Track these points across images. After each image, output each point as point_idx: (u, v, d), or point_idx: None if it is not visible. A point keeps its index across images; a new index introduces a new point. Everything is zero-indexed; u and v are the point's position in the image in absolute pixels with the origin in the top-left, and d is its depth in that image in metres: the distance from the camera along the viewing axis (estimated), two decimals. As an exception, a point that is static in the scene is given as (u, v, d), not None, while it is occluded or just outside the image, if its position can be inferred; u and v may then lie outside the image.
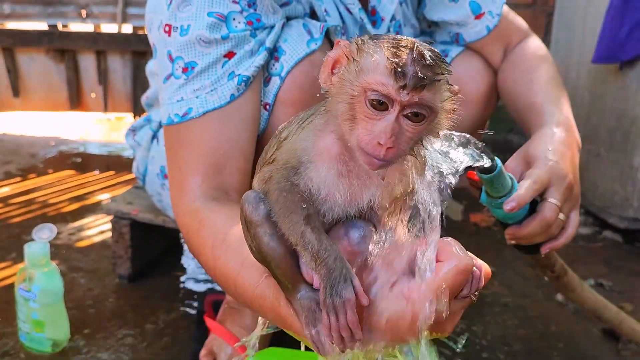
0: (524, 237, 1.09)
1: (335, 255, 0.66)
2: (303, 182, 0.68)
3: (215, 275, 0.92)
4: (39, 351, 1.36)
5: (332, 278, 0.64)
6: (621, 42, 2.03)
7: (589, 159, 2.37)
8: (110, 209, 1.65)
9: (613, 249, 2.11)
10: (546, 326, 1.58)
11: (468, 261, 0.63)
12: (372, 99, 0.61)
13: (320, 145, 0.68)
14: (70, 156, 2.85)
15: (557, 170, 1.07)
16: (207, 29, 1.01)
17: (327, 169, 0.67)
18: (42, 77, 3.12)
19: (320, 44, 1.07)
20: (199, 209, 0.98)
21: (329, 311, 0.64)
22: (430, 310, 0.62)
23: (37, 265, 1.32)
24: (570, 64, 2.56)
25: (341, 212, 0.69)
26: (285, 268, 0.72)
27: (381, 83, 0.60)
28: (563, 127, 1.16)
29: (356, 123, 0.63)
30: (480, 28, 1.33)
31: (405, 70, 0.60)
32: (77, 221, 2.08)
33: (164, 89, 1.06)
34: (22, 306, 1.34)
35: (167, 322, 1.50)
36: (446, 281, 0.62)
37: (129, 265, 1.67)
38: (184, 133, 1.03)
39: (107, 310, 1.55)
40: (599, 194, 2.28)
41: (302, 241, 0.67)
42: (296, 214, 0.68)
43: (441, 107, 0.64)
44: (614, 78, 2.19)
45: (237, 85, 1.02)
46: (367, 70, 0.62)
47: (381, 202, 0.70)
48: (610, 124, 2.22)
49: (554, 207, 1.06)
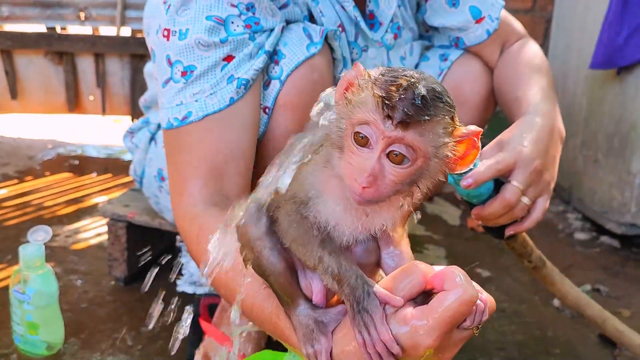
0: (486, 218, 1.09)
1: (356, 275, 0.66)
2: (312, 215, 0.68)
3: (213, 282, 0.92)
4: (34, 354, 1.35)
5: (356, 296, 0.64)
6: (619, 47, 2.03)
7: (586, 165, 2.37)
8: (106, 211, 1.64)
9: (610, 254, 2.11)
10: (543, 331, 1.58)
11: (473, 292, 0.62)
12: (356, 132, 0.61)
13: (326, 181, 0.67)
14: (68, 159, 2.85)
15: (524, 154, 1.07)
16: (205, 33, 1.00)
17: (335, 204, 0.67)
18: (40, 80, 3.11)
19: (320, 48, 1.07)
20: (198, 214, 0.97)
21: (360, 329, 0.64)
22: (431, 339, 0.61)
23: (31, 267, 1.31)
24: (569, 69, 2.57)
25: (352, 239, 0.69)
26: (285, 283, 0.72)
27: (367, 114, 0.60)
28: (545, 117, 1.16)
29: (343, 155, 0.63)
30: (481, 32, 1.33)
31: (392, 104, 0.58)
32: (73, 223, 2.08)
33: (164, 93, 1.05)
34: (16, 308, 1.33)
35: (162, 325, 1.49)
36: (450, 311, 0.61)
37: (125, 267, 1.67)
38: (184, 137, 1.03)
39: (102, 313, 1.54)
40: (596, 200, 2.28)
41: (321, 266, 0.68)
42: (310, 242, 0.68)
43: (434, 152, 0.61)
44: (612, 84, 2.20)
45: (236, 89, 1.02)
46: (357, 104, 0.61)
47: (394, 226, 0.70)
48: (608, 130, 2.22)
49: (515, 190, 1.05)
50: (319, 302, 0.72)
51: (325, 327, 0.70)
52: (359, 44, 1.26)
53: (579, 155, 2.43)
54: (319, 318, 0.70)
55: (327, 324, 0.70)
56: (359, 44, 1.26)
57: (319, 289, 0.72)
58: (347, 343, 0.68)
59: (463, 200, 1.13)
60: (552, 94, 1.25)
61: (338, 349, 0.69)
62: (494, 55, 1.37)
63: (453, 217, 2.40)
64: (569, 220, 2.41)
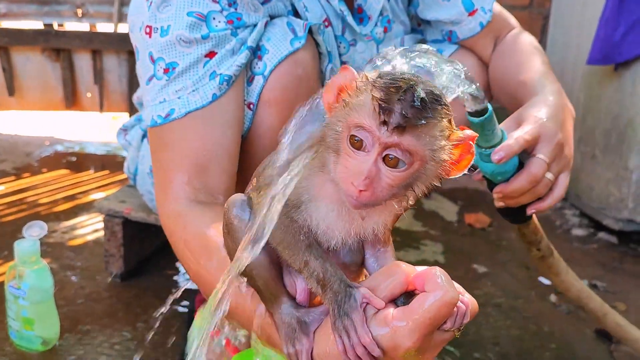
0: (511, 195, 1.06)
1: (340, 280, 0.66)
2: (302, 218, 0.67)
3: (197, 280, 0.92)
4: (29, 349, 1.35)
5: (338, 300, 0.64)
6: (616, 43, 2.03)
7: (584, 161, 2.37)
8: (102, 207, 1.64)
9: (608, 250, 2.11)
10: (539, 327, 1.58)
11: (453, 294, 0.62)
12: (352, 135, 0.60)
13: (321, 185, 0.66)
14: (66, 155, 2.84)
15: (547, 127, 1.06)
16: (187, 29, 1.00)
17: (328, 209, 0.67)
18: (37, 77, 3.11)
19: (304, 43, 1.06)
20: (182, 212, 0.97)
21: (340, 333, 0.63)
22: (411, 341, 0.61)
23: (27, 262, 1.31)
24: (566, 66, 2.56)
25: (340, 243, 0.69)
26: (268, 279, 0.72)
27: (363, 119, 0.59)
28: (556, 95, 1.15)
29: (339, 158, 0.62)
30: (474, 25, 1.33)
31: (389, 108, 0.57)
32: (70, 220, 2.07)
33: (147, 91, 1.05)
34: (11, 304, 1.33)
35: (158, 321, 1.49)
36: (430, 312, 0.61)
37: (121, 263, 1.66)
38: (167, 134, 1.03)
39: (98, 309, 1.54)
40: (594, 196, 2.28)
41: (306, 270, 0.67)
42: (297, 245, 0.68)
43: (431, 155, 0.60)
44: (609, 80, 2.19)
45: (218, 85, 1.01)
46: (354, 107, 0.60)
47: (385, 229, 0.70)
48: (606, 126, 2.22)
49: (542, 163, 1.04)
50: (303, 300, 0.72)
51: (308, 326, 0.70)
52: (347, 38, 1.25)
53: (577, 152, 2.43)
54: (301, 317, 0.70)
55: (309, 324, 0.70)
56: (346, 38, 1.25)
57: (302, 287, 0.72)
58: (328, 344, 0.67)
59: (485, 179, 1.10)
60: (554, 76, 1.24)
61: (319, 349, 0.68)
62: (487, 49, 1.37)
63: (450, 213, 2.40)
64: (567, 216, 2.41)
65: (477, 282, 1.81)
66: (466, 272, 1.88)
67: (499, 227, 2.26)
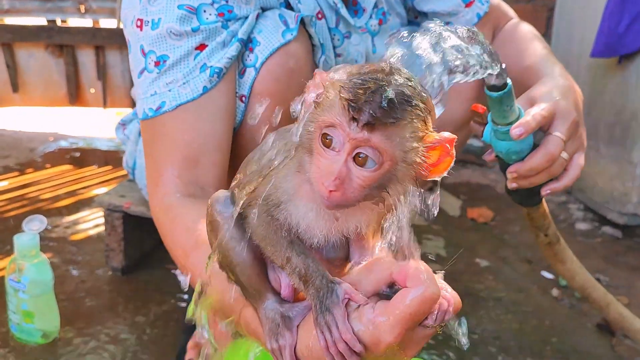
0: (526, 174, 1.03)
1: (322, 276, 0.65)
2: (282, 217, 0.67)
3: (185, 273, 0.92)
4: (29, 342, 1.35)
5: (320, 296, 0.64)
6: (620, 36, 2.01)
7: (588, 154, 2.33)
8: (102, 201, 1.65)
9: (612, 244, 2.10)
10: (540, 321, 1.57)
11: (435, 290, 0.61)
12: (324, 134, 0.60)
13: (299, 186, 0.66)
14: (69, 151, 2.85)
15: (562, 106, 1.03)
16: (177, 22, 0.99)
17: (306, 209, 0.66)
18: (41, 73, 3.12)
19: (296, 35, 1.05)
20: (172, 205, 0.96)
21: (322, 329, 0.63)
22: (392, 336, 0.60)
23: (26, 256, 1.32)
24: (570, 58, 2.54)
25: (322, 241, 0.68)
26: (252, 275, 0.71)
27: (334, 117, 0.59)
28: (564, 77, 1.13)
29: (312, 158, 0.62)
30: (471, 16, 1.32)
31: (358, 107, 0.57)
32: (72, 215, 2.08)
33: (139, 84, 1.05)
34: (12, 297, 1.34)
35: (158, 314, 1.50)
36: (410, 308, 0.60)
37: (121, 257, 1.67)
38: (159, 127, 1.02)
39: (99, 302, 1.54)
40: (598, 190, 2.26)
41: (288, 266, 0.67)
42: (278, 241, 0.67)
43: (402, 156, 0.60)
44: (613, 73, 2.17)
45: (209, 77, 1.01)
46: (324, 107, 0.60)
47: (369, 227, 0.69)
48: (610, 119, 2.20)
49: (559, 140, 1.01)
50: (287, 296, 0.71)
51: (291, 321, 0.69)
52: (341, 31, 1.24)
53: (581, 145, 2.42)
54: (285, 313, 0.70)
55: (292, 319, 0.69)
56: (340, 30, 1.24)
57: (286, 283, 0.71)
58: (310, 339, 0.67)
59: (498, 159, 1.07)
60: (556, 59, 1.23)
61: (302, 344, 0.68)
62: (487, 38, 1.35)
63: (453, 207, 2.39)
64: (571, 210, 2.39)
65: (479, 276, 1.80)
66: (468, 266, 1.87)
67: (502, 222, 2.25)
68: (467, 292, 1.69)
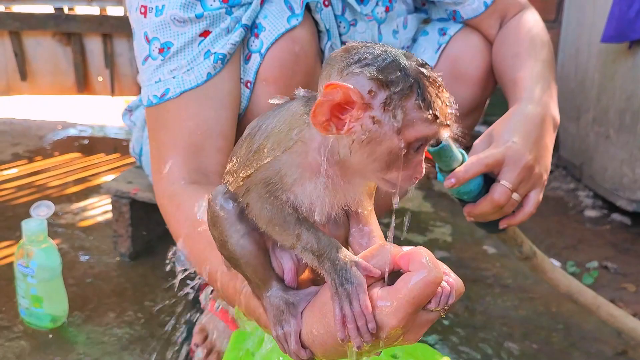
0: (478, 216, 1.08)
1: (336, 247, 0.65)
2: (285, 196, 0.66)
3: (190, 258, 0.93)
4: (39, 326, 1.37)
5: (338, 269, 0.64)
6: (630, 21, 1.97)
7: (598, 141, 2.32)
8: (110, 188, 1.65)
9: (621, 231, 2.08)
10: (547, 307, 1.57)
11: (437, 274, 0.61)
12: (417, 145, 0.62)
13: (304, 165, 0.66)
14: (77, 139, 2.87)
15: (514, 150, 1.04)
16: (180, 9, 0.99)
17: (314, 185, 0.66)
18: (49, 61, 3.13)
19: (302, 20, 1.05)
20: (176, 191, 0.97)
21: (342, 301, 0.62)
22: (395, 320, 0.61)
23: (34, 241, 1.33)
24: (581, 44, 2.51)
25: (324, 217, 0.68)
26: (257, 265, 0.71)
27: (428, 131, 0.61)
28: (538, 104, 1.12)
29: (392, 167, 0.62)
30: (478, 5, 1.30)
31: (442, 112, 0.61)
32: (81, 202, 2.10)
33: (143, 71, 1.05)
34: (21, 282, 1.35)
35: (165, 299, 1.51)
36: (413, 292, 0.60)
37: (129, 243, 1.68)
38: (163, 114, 1.02)
39: (107, 288, 1.56)
40: (607, 177, 2.24)
41: (300, 243, 0.66)
42: (286, 220, 0.66)
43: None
44: (624, 58, 2.14)
45: (213, 64, 1.00)
46: (408, 123, 0.60)
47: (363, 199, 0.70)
48: (620, 105, 2.18)
49: (504, 190, 1.03)
50: (291, 281, 0.71)
51: (296, 308, 0.69)
52: (347, 18, 1.22)
53: (590, 132, 2.39)
54: (289, 299, 0.70)
55: (297, 305, 0.69)
56: (346, 17, 1.22)
57: (289, 267, 0.71)
58: (315, 324, 0.67)
59: (455, 198, 1.12)
60: (548, 73, 1.21)
61: (307, 329, 0.68)
62: (493, 29, 1.33)
63: (461, 195, 2.37)
64: (580, 197, 2.37)
65: (486, 263, 1.80)
66: (475, 253, 1.86)
67: (510, 209, 2.24)
68: (474, 278, 1.69)
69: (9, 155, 2.57)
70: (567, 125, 2.63)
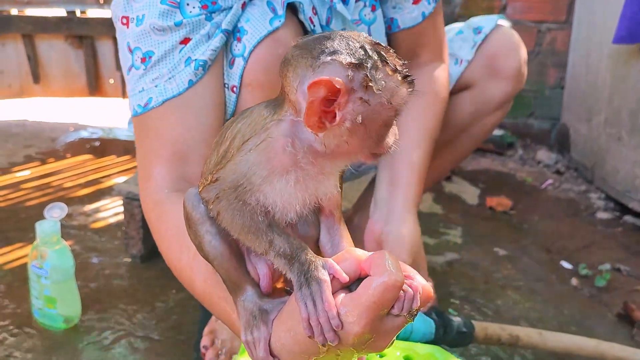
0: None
1: (306, 251, 0.66)
2: (255, 199, 0.67)
3: (172, 268, 0.93)
4: (52, 327, 1.38)
5: (305, 269, 0.64)
6: (643, 21, 1.96)
7: (610, 143, 2.31)
8: (121, 190, 1.67)
9: (633, 233, 2.06)
10: (559, 310, 1.56)
11: (397, 277, 0.61)
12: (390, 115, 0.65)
13: (273, 162, 0.66)
14: (89, 141, 2.89)
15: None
16: (159, 17, 0.98)
17: (285, 181, 0.66)
18: (61, 64, 3.16)
19: (284, 21, 1.03)
20: (160, 201, 0.96)
21: (305, 299, 0.63)
22: (358, 326, 0.61)
23: (48, 242, 1.34)
24: (592, 45, 2.50)
25: (295, 215, 0.69)
26: (229, 268, 0.71)
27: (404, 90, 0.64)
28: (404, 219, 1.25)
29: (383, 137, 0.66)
30: (417, 14, 1.26)
31: (403, 70, 0.64)
32: (93, 203, 2.11)
33: (128, 81, 1.04)
34: (34, 283, 1.36)
35: (176, 301, 1.52)
36: (374, 297, 0.60)
37: (140, 245, 1.69)
38: (147, 123, 1.02)
39: (118, 289, 1.57)
40: (619, 178, 2.22)
41: (272, 249, 0.67)
42: (257, 226, 0.67)
43: None
44: (636, 60, 2.13)
45: (194, 71, 1.00)
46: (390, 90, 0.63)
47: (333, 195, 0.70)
48: (632, 107, 2.16)
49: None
50: (266, 286, 0.72)
51: (268, 315, 0.69)
52: (333, 29, 1.18)
53: (603, 133, 2.38)
54: (263, 306, 0.70)
55: (269, 312, 0.70)
56: (332, 28, 1.18)
57: (264, 272, 0.72)
58: (283, 332, 0.67)
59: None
60: (424, 168, 1.25)
61: (276, 337, 0.68)
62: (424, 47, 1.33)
63: (472, 196, 2.37)
64: (592, 199, 2.36)
65: (497, 265, 1.79)
66: (486, 255, 1.85)
67: (521, 210, 2.23)
68: (486, 280, 1.69)
69: (22, 157, 2.60)
70: (579, 127, 2.61)
